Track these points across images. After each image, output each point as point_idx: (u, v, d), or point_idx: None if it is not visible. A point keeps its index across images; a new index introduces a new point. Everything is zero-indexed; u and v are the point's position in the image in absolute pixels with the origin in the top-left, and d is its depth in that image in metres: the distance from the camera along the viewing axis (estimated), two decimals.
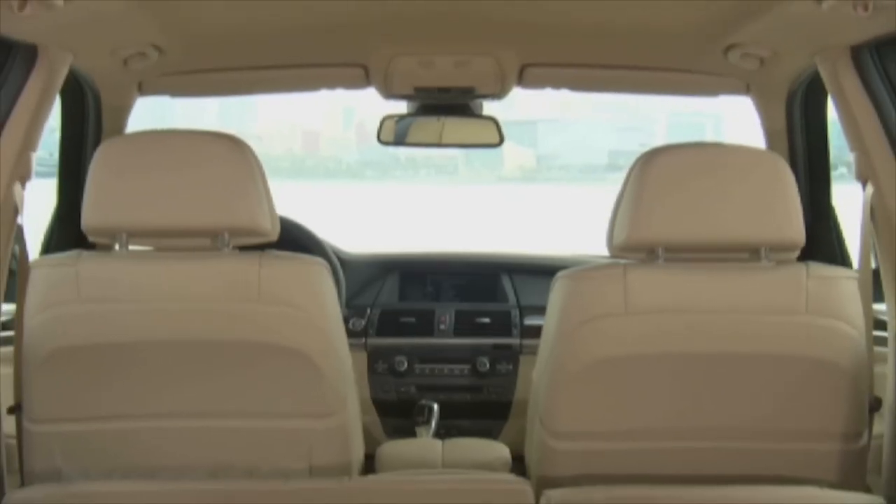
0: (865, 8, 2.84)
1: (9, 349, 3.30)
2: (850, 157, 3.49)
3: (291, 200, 3.64)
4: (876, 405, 3.27)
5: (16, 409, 3.24)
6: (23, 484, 3.23)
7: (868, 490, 3.22)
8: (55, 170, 4.34)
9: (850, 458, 3.23)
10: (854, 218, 3.69)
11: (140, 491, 3.10)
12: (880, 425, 3.29)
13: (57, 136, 4.27)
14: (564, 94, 4.49)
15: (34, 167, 3.38)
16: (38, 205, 3.72)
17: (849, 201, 3.75)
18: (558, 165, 48.85)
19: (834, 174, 4.23)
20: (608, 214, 3.16)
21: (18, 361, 3.20)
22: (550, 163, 49.23)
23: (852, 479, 3.22)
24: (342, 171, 40.43)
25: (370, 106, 4.36)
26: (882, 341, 3.37)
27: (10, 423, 3.30)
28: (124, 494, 3.10)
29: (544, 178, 43.26)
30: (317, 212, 4.62)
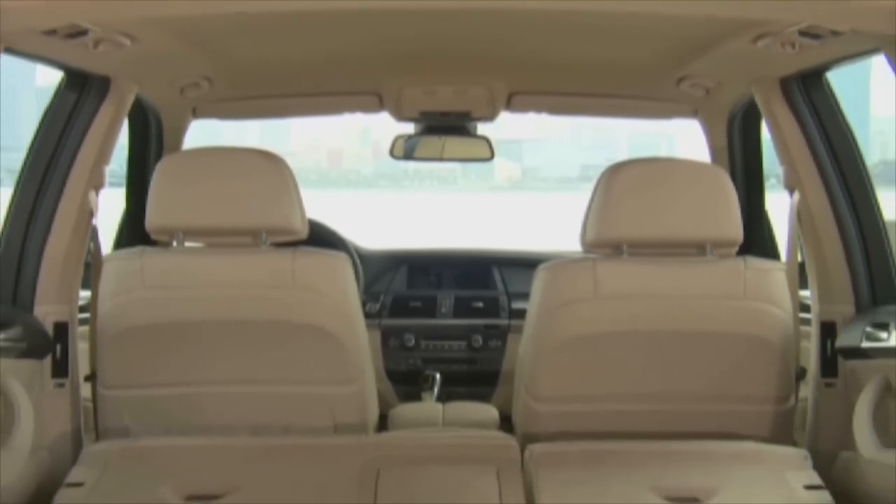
0: (792, 46, 2.93)
1: (84, 328, 3.33)
2: (780, 169, 3.54)
3: (318, 206, 3.64)
4: (801, 374, 3.33)
5: (91, 378, 3.27)
6: (97, 439, 3.27)
7: (794, 444, 3.27)
8: (124, 180, 4.40)
9: (780, 417, 3.27)
10: (783, 220, 3.76)
11: (194, 445, 3.14)
12: (805, 391, 3.37)
13: (125, 152, 4.33)
14: (545, 117, 4.55)
15: (107, 178, 3.41)
16: (110, 209, 3.73)
17: (779, 206, 3.83)
18: (540, 177, 52.00)
19: (767, 184, 4.35)
20: (581, 217, 3.21)
21: (93, 339, 3.23)
22: (533, 175, 52.14)
23: (782, 435, 3.27)
24: (360, 181, 41.78)
25: (383, 127, 4.37)
26: (806, 322, 3.46)
27: (86, 389, 3.35)
28: (181, 448, 3.13)
29: (528, 188, 45.52)
30: (339, 215, 4.62)
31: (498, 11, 2.83)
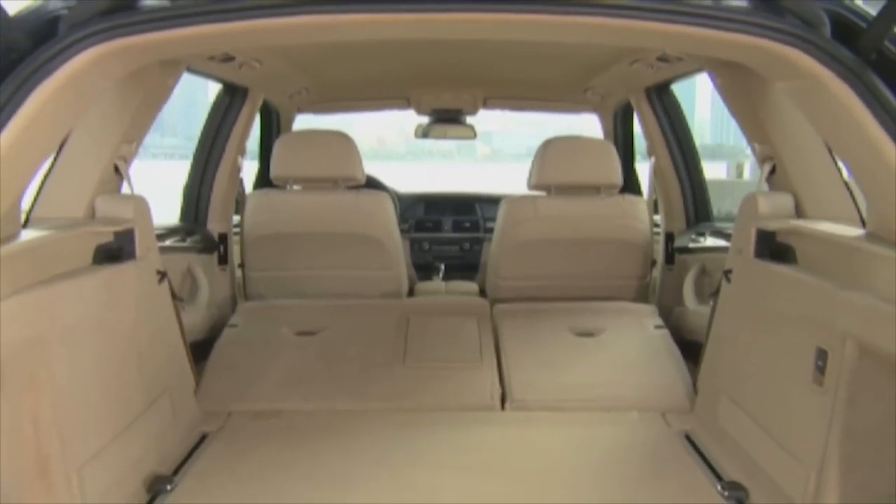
0: (652, 67, 3.02)
1: (237, 237, 3.47)
2: (645, 144, 3.64)
3: (372, 169, 3.68)
4: (653, 263, 3.50)
5: (241, 265, 3.46)
6: (246, 300, 3.42)
7: (648, 303, 3.39)
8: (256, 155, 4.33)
9: (641, 288, 3.45)
10: (644, 174, 3.89)
11: (300, 304, 3.28)
12: (655, 272, 3.53)
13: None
14: (507, 114, 4.57)
15: (247, 151, 3.50)
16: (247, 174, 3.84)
17: (644, 167, 3.89)
18: (503, 154, 57.53)
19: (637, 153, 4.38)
20: (526, 176, 3.32)
21: (242, 242, 3.40)
22: (499, 153, 56.72)
23: (642, 297, 3.44)
24: (396, 156, 44.27)
25: (410, 123, 4.30)
26: (657, 233, 3.56)
27: (238, 272, 3.50)
28: (293, 306, 3.27)
29: (496, 160, 50.64)
30: (384, 174, 4.57)
31: (476, 47, 2.94)
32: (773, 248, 2.26)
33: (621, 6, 1.53)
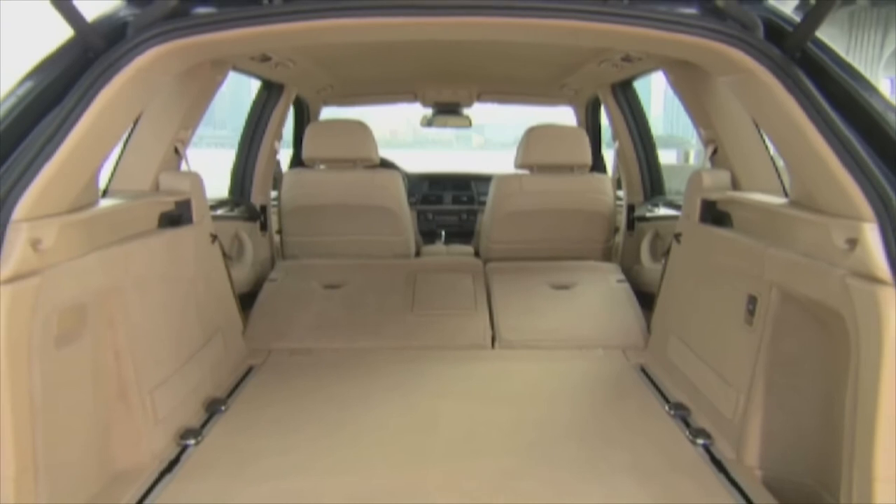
0: (616, 66, 2.99)
1: (275, 208, 3.45)
2: (610, 132, 3.60)
3: (386, 154, 3.65)
4: (616, 229, 3.49)
5: (279, 231, 3.44)
6: (283, 259, 3.39)
7: (611, 261, 3.40)
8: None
9: (607, 249, 3.44)
10: (610, 156, 3.91)
11: (327, 263, 3.25)
12: (618, 237, 3.51)
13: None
14: (497, 108, 4.52)
15: (282, 137, 3.46)
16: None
17: (609, 151, 3.89)
18: (493, 143, 56.49)
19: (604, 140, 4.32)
20: (513, 160, 3.30)
21: (279, 212, 3.37)
22: (491, 141, 56.19)
23: (607, 257, 3.43)
24: (405, 145, 43.86)
25: (416, 117, 4.23)
26: (620, 205, 3.53)
27: (277, 237, 3.49)
28: (321, 264, 3.25)
29: (488, 148, 50.29)
30: (396, 157, 4.53)
31: (471, 49, 2.91)
32: (714, 214, 2.28)
33: (597, 11, 1.52)
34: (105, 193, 2.10)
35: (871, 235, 1.31)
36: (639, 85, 3.49)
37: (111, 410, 1.73)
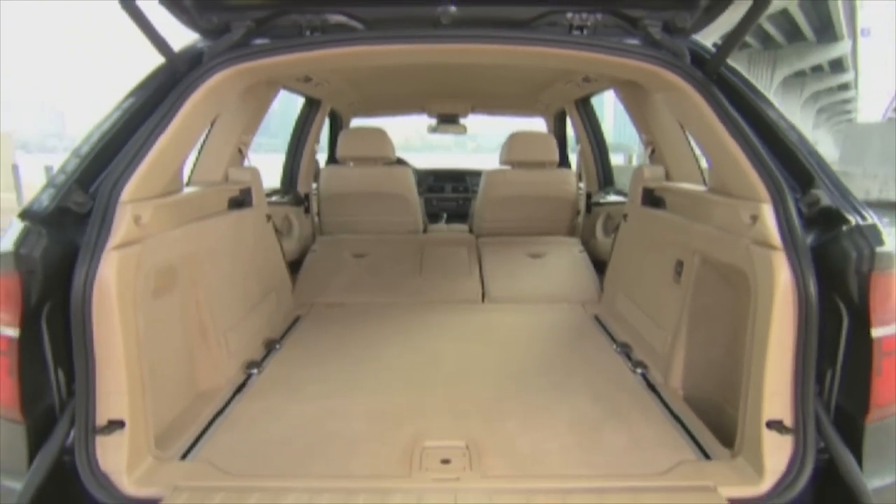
0: (579, 85, 2.93)
1: (315, 195, 3.34)
2: (574, 137, 3.55)
3: (399, 154, 3.53)
4: (578, 211, 3.37)
5: (318, 213, 3.33)
6: (322, 235, 3.30)
7: (574, 236, 3.28)
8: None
9: (571, 228, 3.34)
10: (573, 157, 3.76)
11: (355, 237, 3.18)
12: (579, 217, 3.38)
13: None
14: (488, 119, 4.31)
15: (320, 141, 3.39)
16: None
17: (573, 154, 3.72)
18: (485, 148, 52.58)
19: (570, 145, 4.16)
20: (498, 157, 3.21)
21: (318, 199, 3.29)
22: (483, 146, 53.16)
23: (571, 233, 3.32)
24: (416, 148, 41.31)
25: (423, 126, 4.05)
26: (581, 193, 3.40)
27: (317, 218, 3.35)
28: (352, 238, 3.19)
29: (481, 152, 47.30)
30: (408, 157, 4.40)
31: (466, 72, 2.85)
32: (652, 199, 2.30)
33: (565, 41, 1.52)
34: (188, 183, 2.09)
35: (768, 213, 1.34)
36: (595, 101, 3.44)
37: (195, 346, 1.77)
